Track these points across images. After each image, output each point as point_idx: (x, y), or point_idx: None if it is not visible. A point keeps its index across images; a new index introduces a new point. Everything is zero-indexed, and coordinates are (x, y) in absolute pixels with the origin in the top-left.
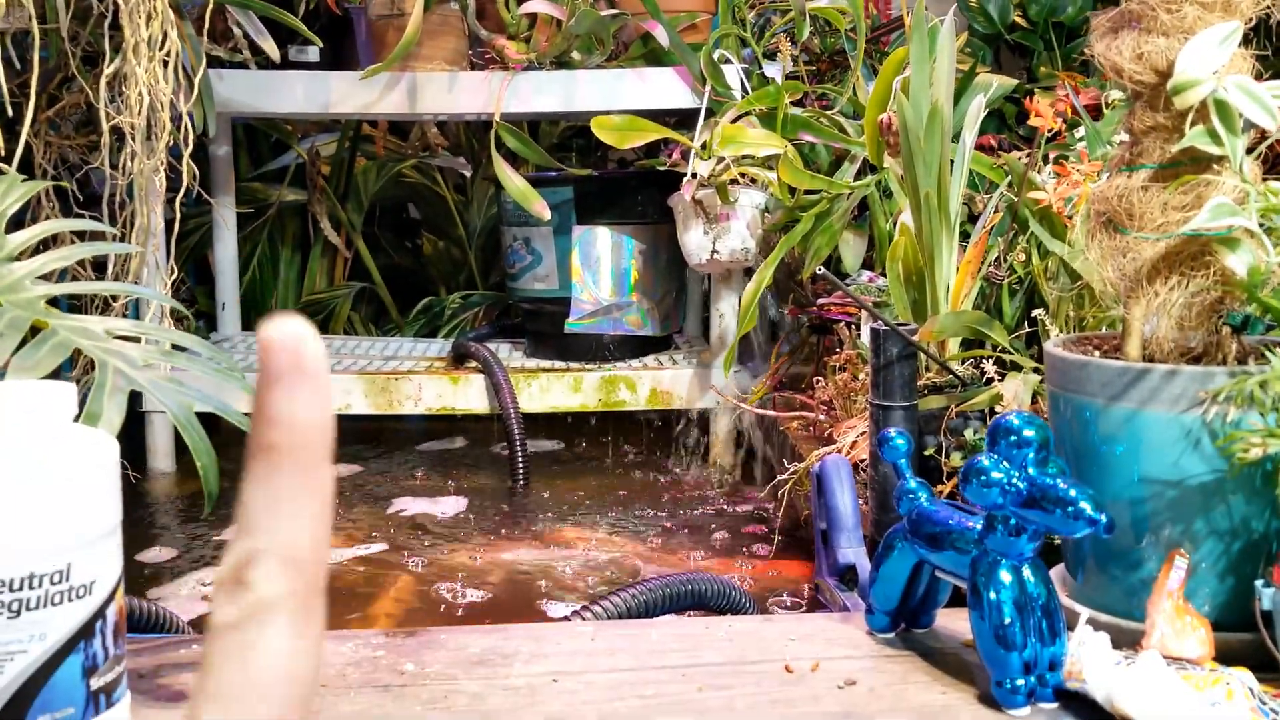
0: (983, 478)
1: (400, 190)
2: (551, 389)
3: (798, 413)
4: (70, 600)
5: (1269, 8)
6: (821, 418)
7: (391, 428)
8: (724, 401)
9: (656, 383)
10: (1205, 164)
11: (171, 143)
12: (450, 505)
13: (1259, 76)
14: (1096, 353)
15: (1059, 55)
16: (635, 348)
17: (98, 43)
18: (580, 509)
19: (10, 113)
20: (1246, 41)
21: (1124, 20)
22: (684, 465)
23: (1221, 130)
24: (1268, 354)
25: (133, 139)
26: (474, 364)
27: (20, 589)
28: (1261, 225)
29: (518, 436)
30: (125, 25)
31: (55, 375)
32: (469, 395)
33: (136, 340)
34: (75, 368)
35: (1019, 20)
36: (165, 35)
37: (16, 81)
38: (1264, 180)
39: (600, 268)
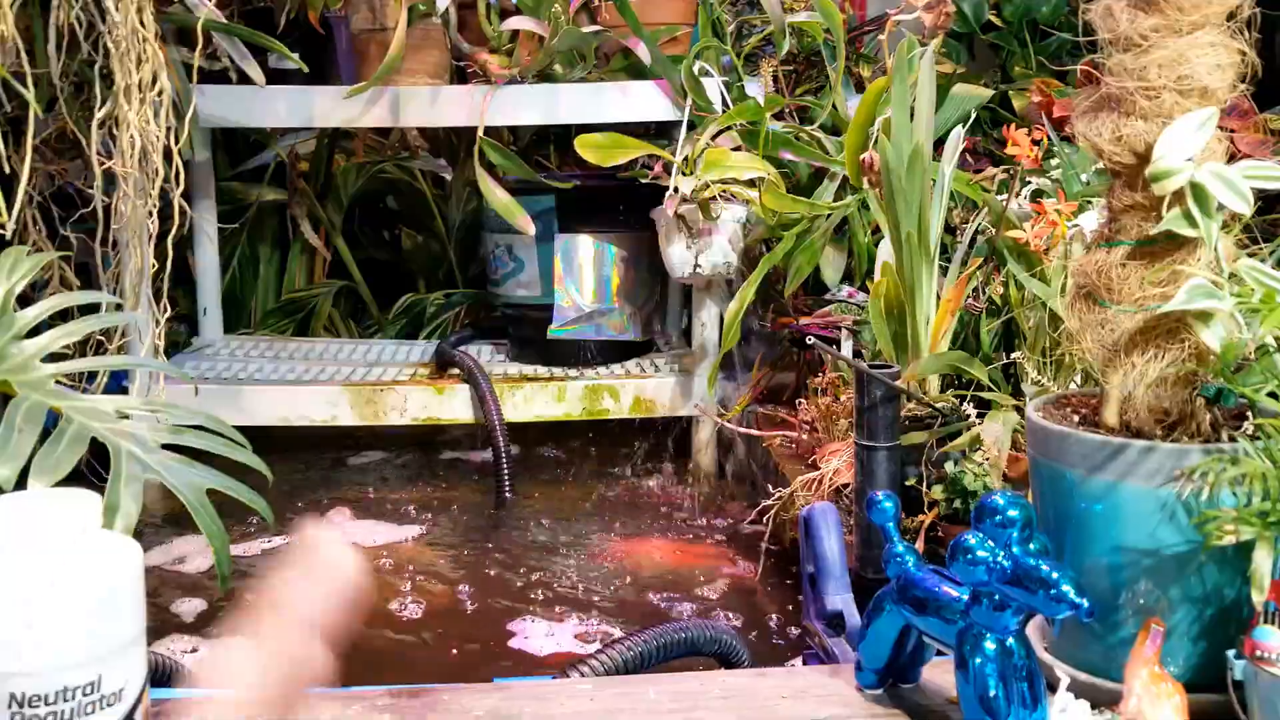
0: (969, 556)
1: (379, 185)
2: (535, 398)
3: (780, 430)
4: (102, 709)
5: (1244, 93)
6: (804, 437)
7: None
8: (707, 416)
9: (639, 391)
10: (1182, 243)
11: (164, 175)
12: (435, 516)
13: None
14: (1075, 416)
15: (1033, 53)
16: (618, 352)
17: (85, 75)
18: (563, 520)
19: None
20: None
21: (1104, 102)
22: (667, 473)
23: (1197, 214)
24: (1237, 436)
25: (125, 183)
26: (458, 371)
27: (55, 702)
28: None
29: (503, 448)
30: (116, 68)
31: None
32: (454, 406)
33: (146, 417)
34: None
35: (994, 19)
36: (155, 77)
37: (4, 115)
38: (1230, 231)
39: (582, 275)
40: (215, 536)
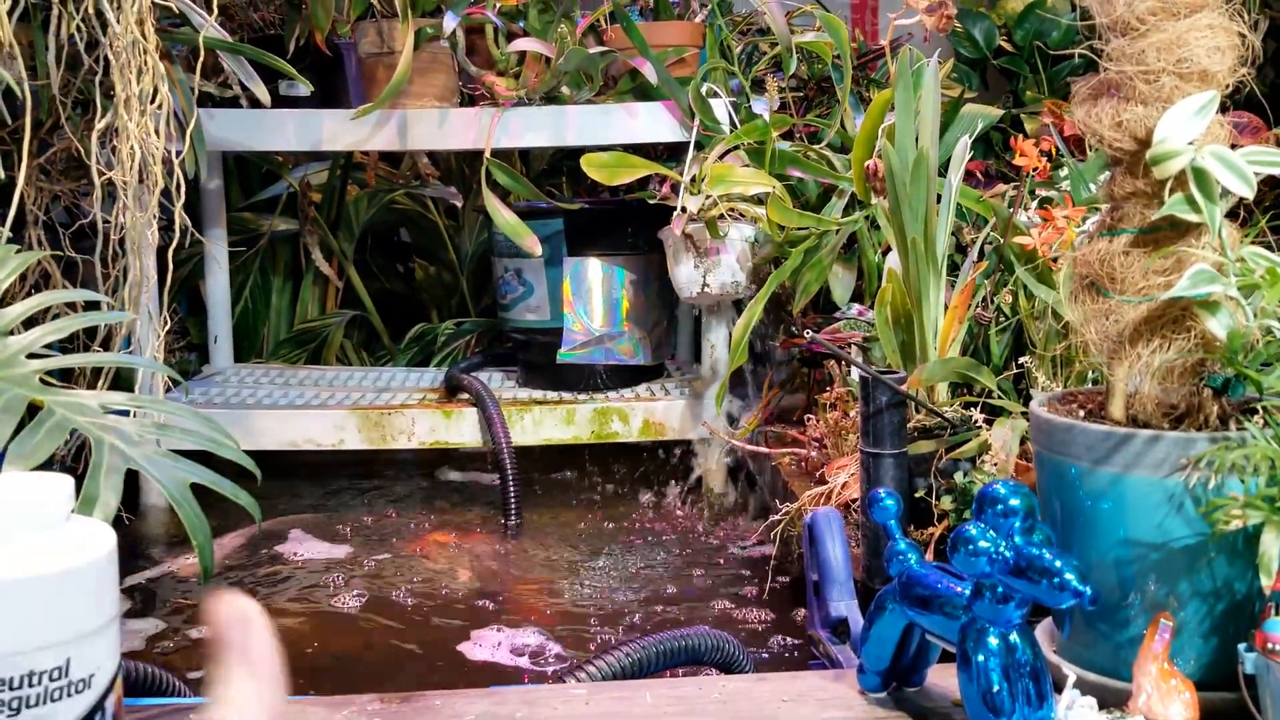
0: (970, 546)
1: (392, 215)
2: (544, 422)
3: (789, 449)
4: (70, 695)
5: (1244, 76)
6: (813, 454)
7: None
8: (715, 436)
9: (649, 414)
10: (1185, 229)
11: (164, 186)
12: (438, 536)
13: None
14: (1081, 411)
15: (1045, 78)
16: (628, 377)
17: (88, 90)
18: (570, 545)
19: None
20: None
21: (1103, 88)
22: (677, 496)
23: (1200, 198)
24: (1245, 423)
25: (124, 193)
26: (467, 396)
27: (20, 686)
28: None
29: (510, 472)
30: (116, 80)
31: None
32: (462, 429)
33: (130, 414)
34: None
35: (1004, 45)
36: (156, 90)
37: (7, 129)
38: (1246, 237)
39: (592, 298)
40: (197, 531)
